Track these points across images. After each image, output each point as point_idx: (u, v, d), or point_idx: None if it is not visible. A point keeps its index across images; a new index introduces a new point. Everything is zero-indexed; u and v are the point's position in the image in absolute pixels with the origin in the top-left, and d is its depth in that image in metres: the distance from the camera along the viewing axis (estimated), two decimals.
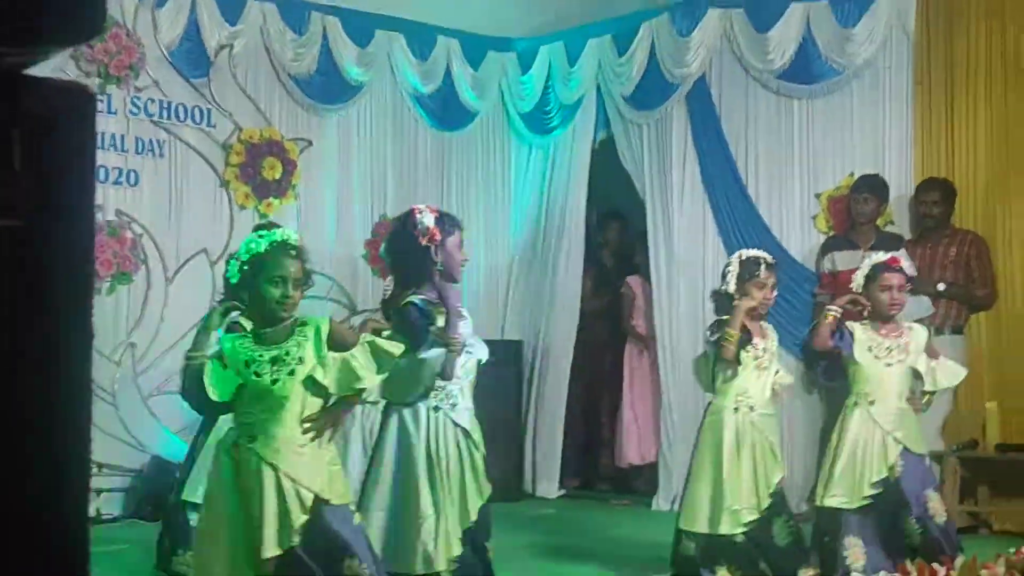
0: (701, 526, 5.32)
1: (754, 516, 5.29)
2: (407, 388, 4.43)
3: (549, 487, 8.73)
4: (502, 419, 7.83)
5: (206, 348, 3.83)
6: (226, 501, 3.79)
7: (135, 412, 7.61)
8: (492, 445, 4.97)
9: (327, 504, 3.77)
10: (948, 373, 5.62)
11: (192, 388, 3.80)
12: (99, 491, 7.39)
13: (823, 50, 7.77)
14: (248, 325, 3.95)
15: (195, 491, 5.38)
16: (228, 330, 4.22)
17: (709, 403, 5.54)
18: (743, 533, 5.28)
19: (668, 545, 5.57)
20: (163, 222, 7.81)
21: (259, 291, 3.79)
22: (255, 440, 3.74)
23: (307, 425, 3.79)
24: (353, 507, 3.97)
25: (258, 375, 3.76)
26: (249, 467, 3.74)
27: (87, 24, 1.11)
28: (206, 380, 3.76)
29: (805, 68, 7.84)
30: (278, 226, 4.73)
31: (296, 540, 3.70)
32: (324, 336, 3.85)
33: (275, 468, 3.72)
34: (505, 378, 8.22)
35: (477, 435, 4.62)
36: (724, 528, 5.26)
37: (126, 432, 7.54)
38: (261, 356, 3.78)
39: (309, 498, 3.73)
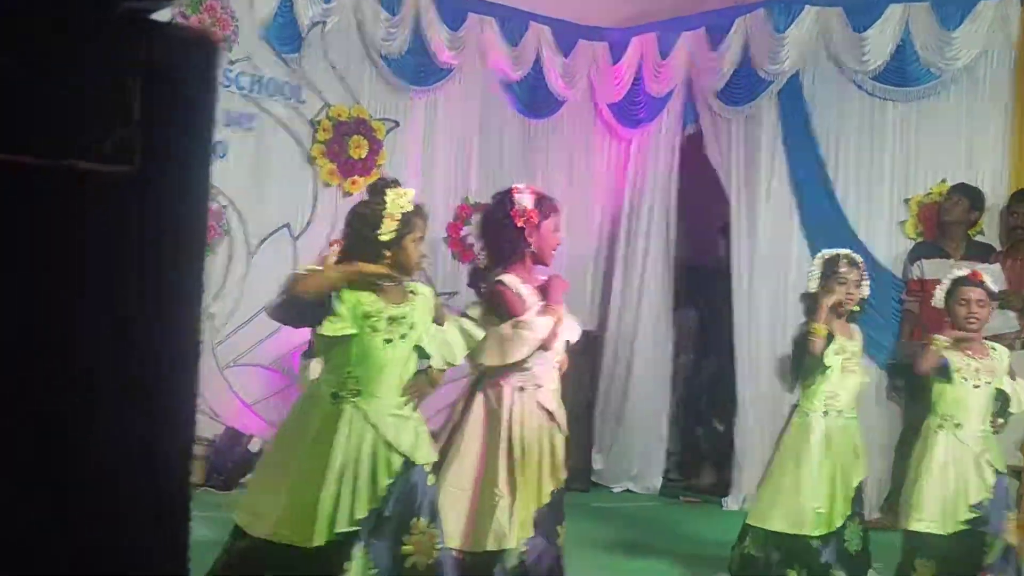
0: (775, 524, 5.26)
1: (838, 521, 5.21)
2: (510, 352, 4.39)
3: (617, 479, 8.69)
4: (574, 409, 7.76)
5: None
6: (309, 446, 3.76)
7: (211, 382, 7.66)
8: None
9: (412, 465, 3.82)
10: None
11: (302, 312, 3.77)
12: None
13: (921, 53, 7.61)
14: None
15: None
16: None
17: (795, 405, 5.45)
18: (819, 537, 5.22)
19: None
20: (248, 195, 7.85)
21: (405, 247, 3.86)
22: (359, 395, 3.77)
23: (405, 390, 3.86)
24: (428, 468, 3.95)
25: (374, 330, 3.78)
26: (347, 420, 3.74)
27: None
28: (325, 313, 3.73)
29: (901, 70, 7.70)
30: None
31: (379, 504, 3.74)
32: (432, 306, 3.96)
33: (375, 429, 3.76)
34: (580, 368, 8.15)
35: (561, 416, 4.58)
36: (805, 529, 5.19)
37: (202, 401, 7.62)
38: (381, 312, 3.81)
39: (398, 462, 3.78)
